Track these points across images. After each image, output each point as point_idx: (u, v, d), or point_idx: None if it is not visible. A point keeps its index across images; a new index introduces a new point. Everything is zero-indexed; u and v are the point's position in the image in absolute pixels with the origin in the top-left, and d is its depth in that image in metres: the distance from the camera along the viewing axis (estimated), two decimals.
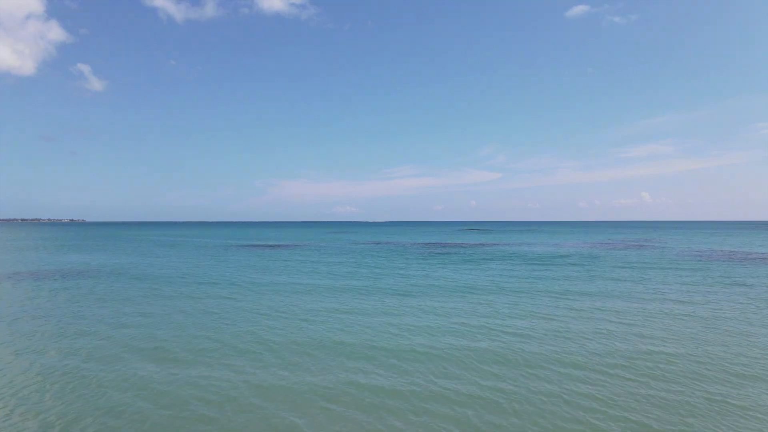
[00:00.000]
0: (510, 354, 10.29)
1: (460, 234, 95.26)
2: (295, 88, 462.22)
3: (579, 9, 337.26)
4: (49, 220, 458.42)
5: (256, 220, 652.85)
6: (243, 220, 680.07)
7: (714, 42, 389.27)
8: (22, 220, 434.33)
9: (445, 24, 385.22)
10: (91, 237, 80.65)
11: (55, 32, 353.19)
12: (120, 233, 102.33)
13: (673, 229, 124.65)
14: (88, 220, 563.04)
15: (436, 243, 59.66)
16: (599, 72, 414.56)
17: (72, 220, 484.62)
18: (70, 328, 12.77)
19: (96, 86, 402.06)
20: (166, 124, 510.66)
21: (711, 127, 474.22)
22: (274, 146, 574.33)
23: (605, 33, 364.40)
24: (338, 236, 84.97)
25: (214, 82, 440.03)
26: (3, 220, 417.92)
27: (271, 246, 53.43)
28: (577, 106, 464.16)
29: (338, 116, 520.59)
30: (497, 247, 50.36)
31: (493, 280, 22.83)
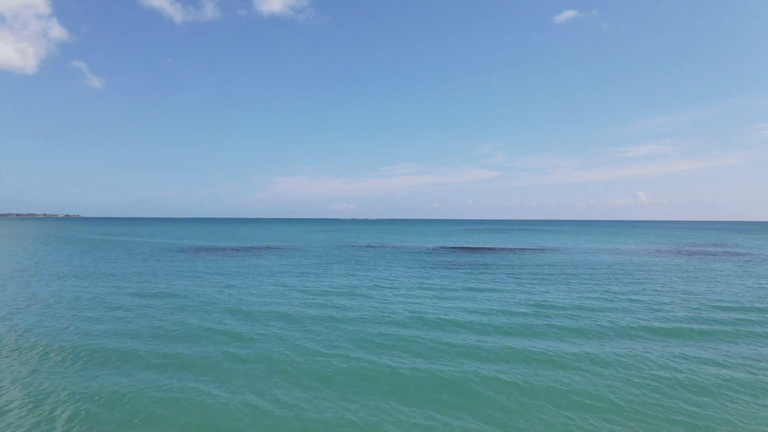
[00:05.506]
0: None
1: (486, 234, 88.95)
2: (293, 87, 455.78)
3: (568, 14, 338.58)
4: (44, 215, 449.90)
5: (255, 217, 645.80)
6: (242, 217, 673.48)
7: (714, 43, 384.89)
8: (17, 215, 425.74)
9: (443, 26, 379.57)
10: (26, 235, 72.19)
11: (57, 31, 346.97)
12: (69, 233, 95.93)
13: (692, 230, 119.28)
14: (84, 215, 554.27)
15: (482, 249, 53.62)
16: (599, 72, 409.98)
17: (68, 215, 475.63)
18: None
19: (95, 83, 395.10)
20: (163, 120, 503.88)
21: (710, 127, 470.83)
22: (272, 142, 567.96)
23: (603, 36, 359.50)
24: (340, 237, 79.08)
25: (212, 80, 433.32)
26: None
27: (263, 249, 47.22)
28: (577, 105, 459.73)
29: (337, 114, 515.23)
30: (589, 257, 44.25)
31: None
